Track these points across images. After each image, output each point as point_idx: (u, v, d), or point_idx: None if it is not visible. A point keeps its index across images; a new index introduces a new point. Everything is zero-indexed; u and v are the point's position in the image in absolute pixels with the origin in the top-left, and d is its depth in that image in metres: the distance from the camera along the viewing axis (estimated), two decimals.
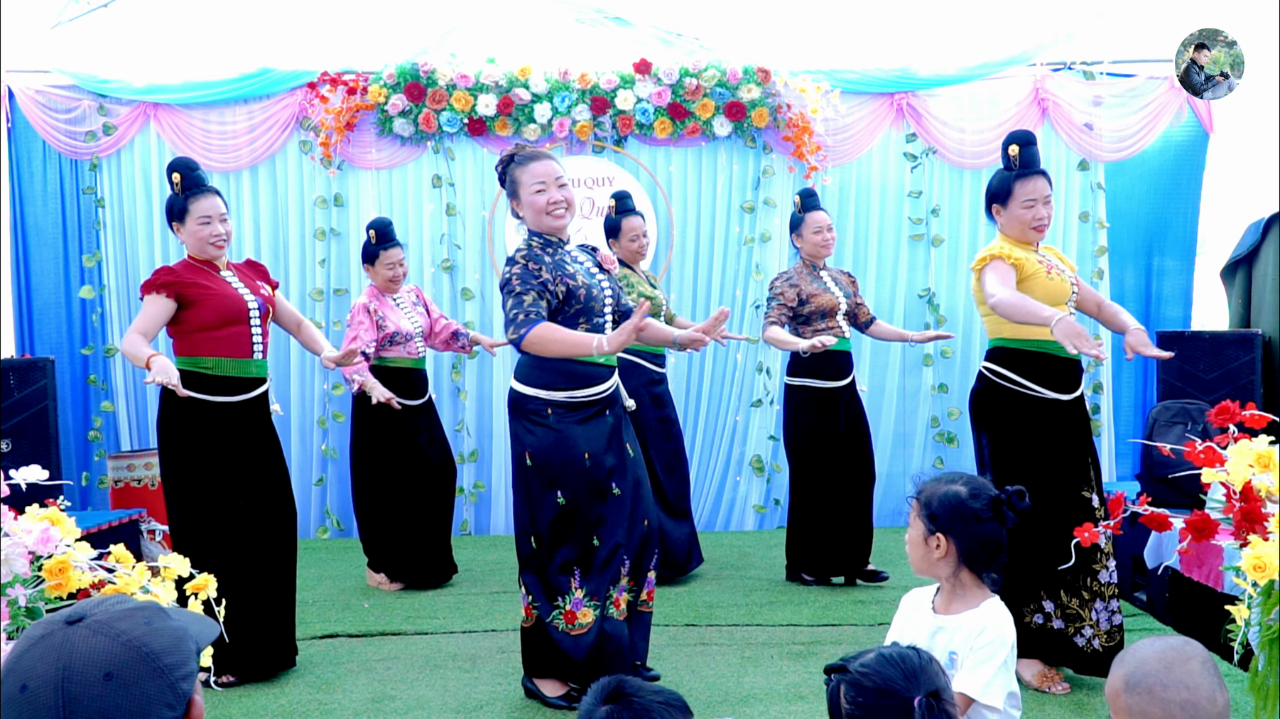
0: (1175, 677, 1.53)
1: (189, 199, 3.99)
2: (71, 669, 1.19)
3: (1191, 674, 1.53)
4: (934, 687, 1.70)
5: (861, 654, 1.79)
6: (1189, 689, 1.52)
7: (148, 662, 1.22)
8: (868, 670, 1.71)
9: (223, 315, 3.96)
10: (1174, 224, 6.87)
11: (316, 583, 5.49)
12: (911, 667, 1.70)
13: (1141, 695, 1.55)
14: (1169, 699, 1.52)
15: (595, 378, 3.60)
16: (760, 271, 6.78)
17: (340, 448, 6.82)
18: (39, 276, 6.71)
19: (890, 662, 1.71)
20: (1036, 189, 3.79)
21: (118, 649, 1.21)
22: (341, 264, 6.79)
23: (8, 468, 2.33)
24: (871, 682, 1.69)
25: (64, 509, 2.32)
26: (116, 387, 6.76)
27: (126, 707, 1.19)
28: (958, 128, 6.78)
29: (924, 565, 2.35)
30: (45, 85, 6.66)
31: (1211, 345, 5.73)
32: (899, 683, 1.68)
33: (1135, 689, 1.56)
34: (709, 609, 4.86)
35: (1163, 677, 1.54)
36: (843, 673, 1.75)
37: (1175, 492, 4.48)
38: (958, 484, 2.31)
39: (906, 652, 1.76)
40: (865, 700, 1.67)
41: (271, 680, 3.95)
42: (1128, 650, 1.65)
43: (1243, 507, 2.50)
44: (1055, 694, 3.67)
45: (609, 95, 6.61)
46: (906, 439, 6.91)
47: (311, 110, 6.61)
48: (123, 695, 1.19)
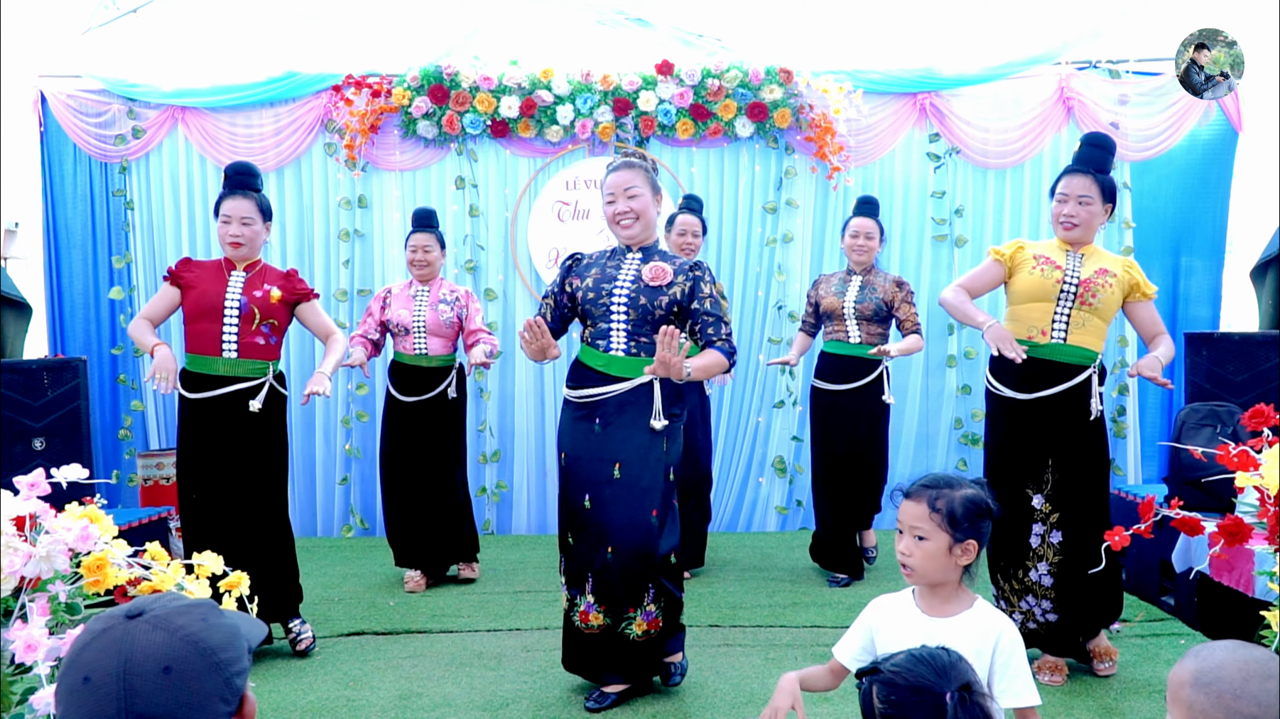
0: (1250, 690, 1.46)
1: (221, 199, 4.23)
2: (133, 662, 1.21)
3: (1269, 693, 1.46)
4: (965, 680, 1.71)
5: (891, 656, 1.80)
6: (1260, 707, 1.45)
7: (205, 657, 1.24)
8: (899, 670, 1.72)
9: (196, 310, 4.15)
10: (1202, 224, 6.81)
11: (342, 581, 5.53)
12: (942, 664, 1.71)
13: (1209, 697, 1.49)
14: (1237, 710, 1.46)
15: (587, 380, 3.67)
16: (782, 272, 6.77)
17: (364, 448, 6.87)
18: (69, 278, 6.79)
19: (921, 660, 1.73)
20: (1068, 186, 3.79)
21: (176, 644, 1.23)
22: (365, 265, 6.83)
23: (42, 466, 2.36)
24: (904, 679, 1.70)
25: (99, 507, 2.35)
26: (145, 386, 6.83)
27: (185, 700, 1.21)
28: (982, 127, 6.76)
29: (940, 574, 2.26)
30: (76, 90, 6.74)
31: (1241, 347, 5.68)
32: (931, 679, 1.69)
33: (1204, 688, 1.50)
34: (732, 610, 4.87)
35: (1237, 686, 1.47)
36: (874, 674, 1.76)
37: (1204, 495, 4.44)
38: (965, 488, 2.27)
39: (936, 650, 1.77)
40: (898, 698, 1.68)
41: (299, 677, 3.99)
42: (1206, 646, 1.57)
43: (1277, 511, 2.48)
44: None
45: (631, 96, 6.62)
46: (930, 440, 6.89)
47: (336, 113, 6.66)
48: (181, 689, 1.21)
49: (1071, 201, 3.76)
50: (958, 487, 2.26)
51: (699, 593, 5.17)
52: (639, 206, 3.67)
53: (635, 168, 3.70)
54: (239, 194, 4.19)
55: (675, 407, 3.71)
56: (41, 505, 2.22)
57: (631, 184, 3.66)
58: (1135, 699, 3.65)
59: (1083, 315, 3.77)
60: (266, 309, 4.17)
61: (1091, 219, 3.78)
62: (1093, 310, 3.76)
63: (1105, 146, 3.83)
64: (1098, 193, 3.75)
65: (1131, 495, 5.35)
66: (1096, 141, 3.83)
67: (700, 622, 4.66)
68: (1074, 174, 3.78)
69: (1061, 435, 3.79)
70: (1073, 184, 3.77)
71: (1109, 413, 6.83)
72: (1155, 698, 3.64)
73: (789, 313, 6.79)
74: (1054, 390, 3.77)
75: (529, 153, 6.79)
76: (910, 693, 1.68)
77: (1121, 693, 3.71)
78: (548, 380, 6.81)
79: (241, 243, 4.18)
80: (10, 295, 6.14)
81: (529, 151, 6.79)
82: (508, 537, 6.77)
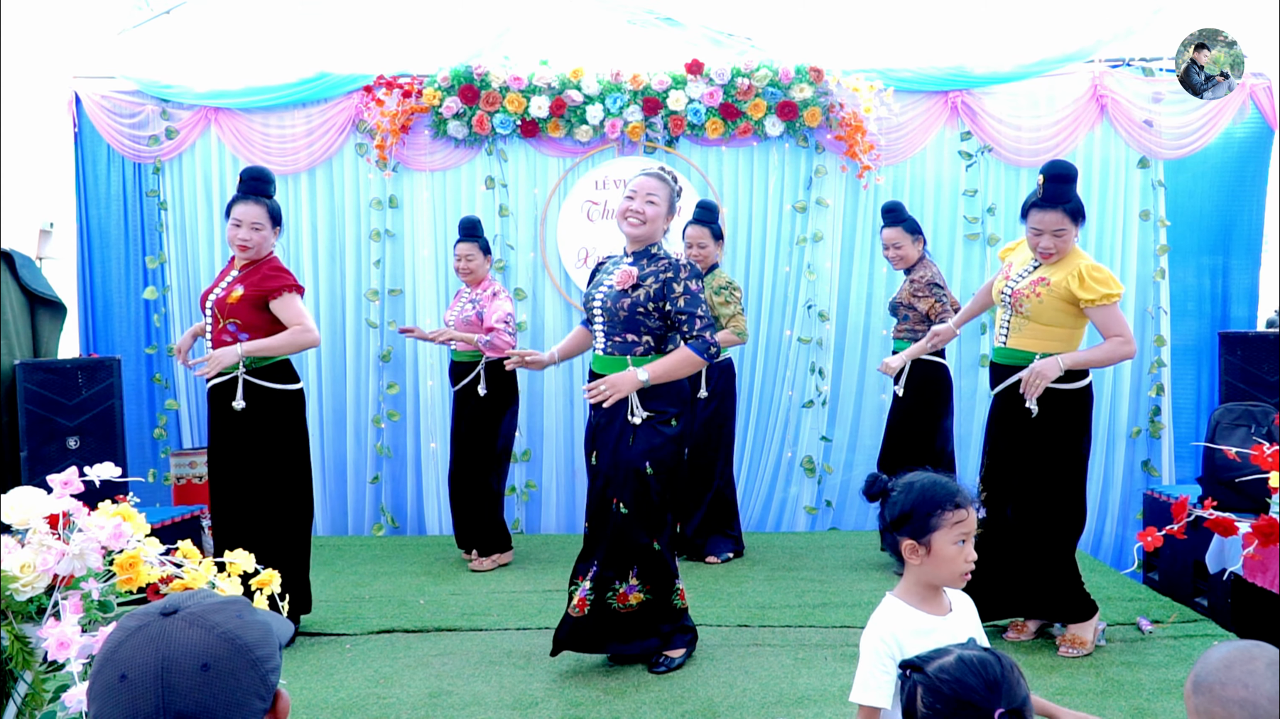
0: (1234, 675, 1.52)
1: (233, 201, 4.36)
2: (171, 659, 1.21)
3: (1253, 674, 1.51)
4: (1016, 701, 1.63)
5: (940, 654, 1.73)
6: (1246, 688, 1.50)
7: (242, 654, 1.24)
8: (947, 678, 1.64)
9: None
10: (1238, 222, 6.72)
11: (372, 579, 5.56)
12: (994, 676, 1.64)
13: (1204, 695, 1.54)
14: (1227, 698, 1.51)
15: (590, 379, 3.98)
16: (813, 271, 6.75)
17: (394, 447, 6.91)
18: (104, 278, 6.86)
19: (971, 668, 1.65)
20: (1040, 222, 4.00)
21: (213, 641, 1.24)
22: (396, 265, 6.87)
23: (76, 464, 2.39)
24: (951, 689, 1.62)
25: (132, 505, 2.38)
26: (179, 385, 6.90)
27: (223, 697, 1.21)
28: (1014, 125, 6.69)
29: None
30: (111, 91, 6.81)
31: (1276, 346, 5.60)
32: (980, 694, 1.62)
33: (1199, 689, 1.55)
34: (761, 610, 4.85)
35: (1222, 675, 1.53)
36: (920, 673, 1.71)
37: (1239, 495, 4.38)
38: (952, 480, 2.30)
39: (988, 658, 1.70)
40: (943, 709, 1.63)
41: (329, 674, 4.02)
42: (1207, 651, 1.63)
43: None
44: None
45: (660, 96, 6.61)
46: (962, 442, 6.80)
47: (367, 113, 6.69)
48: (219, 686, 1.22)
49: (1047, 235, 4.00)
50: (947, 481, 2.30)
51: (728, 592, 5.16)
52: (650, 213, 3.87)
53: (664, 183, 3.92)
54: (251, 199, 4.31)
55: (672, 406, 3.89)
56: (75, 504, 2.25)
57: (654, 192, 3.88)
58: (1167, 700, 3.61)
59: (1018, 322, 4.09)
60: (225, 309, 4.25)
61: (1066, 246, 4.02)
62: (1025, 318, 4.06)
63: (1067, 177, 4.03)
64: (1069, 221, 3.98)
65: (1165, 496, 5.29)
66: (1058, 174, 4.02)
67: (729, 621, 4.65)
68: (1045, 210, 3.98)
69: (1001, 428, 4.18)
70: (1045, 220, 3.99)
71: (1144, 414, 6.76)
72: None
73: (819, 312, 6.76)
74: (999, 389, 4.18)
75: (559, 153, 6.80)
76: (955, 705, 1.62)
77: (1154, 694, 3.67)
78: (576, 381, 6.82)
79: (248, 247, 4.30)
80: (45, 295, 6.22)
81: (559, 151, 6.80)
82: (537, 535, 6.78)
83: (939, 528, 2.21)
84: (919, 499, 2.23)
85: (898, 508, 2.25)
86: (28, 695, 2.16)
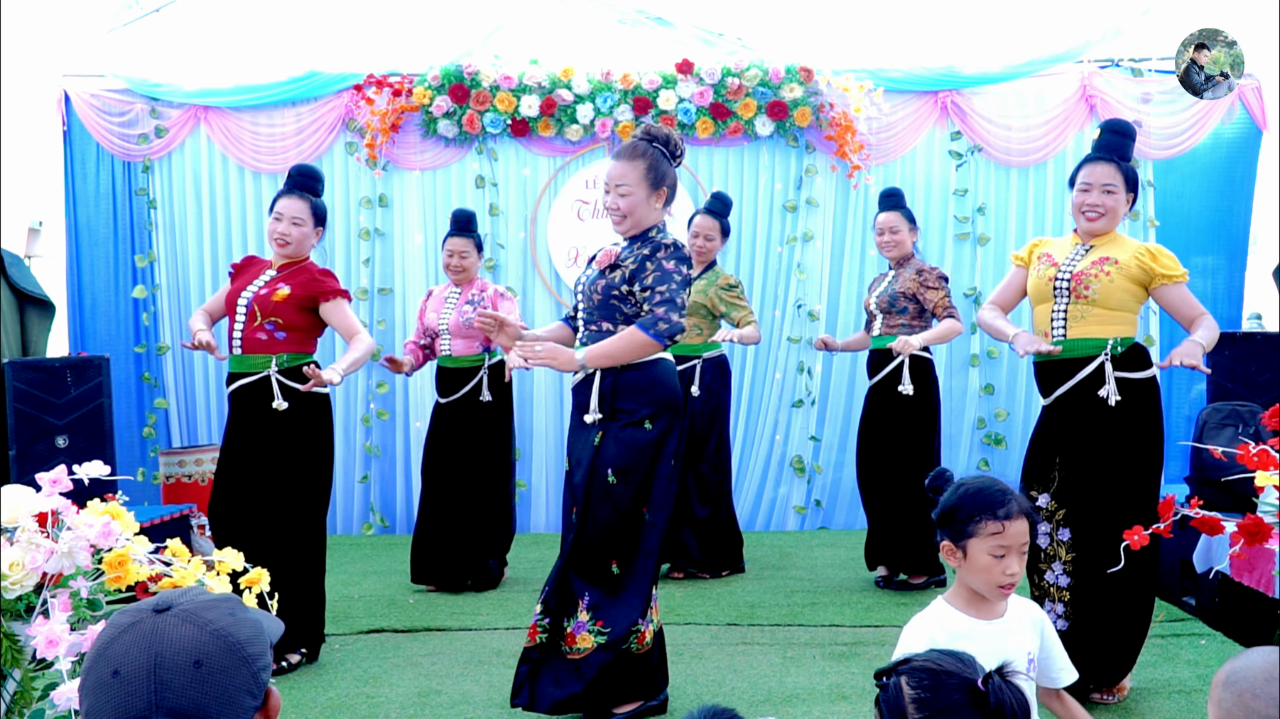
0: (1270, 691, 1.46)
1: (279, 195, 4.19)
2: (163, 656, 1.21)
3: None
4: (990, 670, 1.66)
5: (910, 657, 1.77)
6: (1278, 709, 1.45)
7: (234, 651, 1.25)
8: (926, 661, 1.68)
9: (220, 308, 4.23)
10: (1225, 222, 6.76)
11: (362, 578, 5.56)
12: (966, 657, 1.67)
13: (1233, 695, 1.50)
14: (1253, 709, 1.47)
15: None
16: (803, 271, 6.76)
17: (384, 446, 6.90)
18: (92, 276, 6.85)
19: (945, 654, 1.69)
20: (1091, 174, 3.60)
21: (206, 638, 1.24)
22: (386, 264, 6.87)
23: (65, 463, 2.39)
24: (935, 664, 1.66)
25: (121, 504, 2.37)
26: (169, 384, 6.89)
27: (215, 694, 1.21)
28: (1004, 125, 6.72)
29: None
30: (100, 89, 6.80)
31: (1264, 346, 5.63)
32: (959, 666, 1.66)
33: (1229, 686, 1.51)
34: (750, 609, 4.87)
35: (1258, 686, 1.48)
36: (897, 670, 1.72)
37: (1226, 495, 4.41)
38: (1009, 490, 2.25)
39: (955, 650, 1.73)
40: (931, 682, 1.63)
41: (318, 674, 4.01)
42: (1252, 650, 1.58)
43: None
44: None
45: (651, 95, 6.62)
46: (952, 441, 6.84)
47: (357, 112, 6.69)
48: (211, 683, 1.22)
49: (1096, 190, 3.57)
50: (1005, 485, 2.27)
51: (717, 591, 5.17)
52: (626, 206, 3.43)
53: (636, 158, 3.47)
54: (296, 194, 4.11)
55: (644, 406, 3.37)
56: (63, 502, 2.24)
57: (624, 179, 3.44)
58: (1155, 699, 3.63)
59: (1080, 309, 3.57)
60: (267, 307, 4.02)
61: (1116, 208, 3.59)
62: (1089, 303, 3.55)
63: (1127, 133, 3.67)
64: (1122, 181, 3.57)
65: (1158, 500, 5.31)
66: (1118, 128, 3.67)
67: (718, 620, 4.66)
68: (1097, 162, 3.59)
69: (1072, 431, 3.60)
70: (1096, 172, 3.58)
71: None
72: (1175, 698, 3.61)
73: (809, 311, 6.78)
74: (1065, 388, 3.59)
75: (549, 152, 6.80)
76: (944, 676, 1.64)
77: (1141, 693, 3.69)
78: (566, 379, 6.82)
79: (288, 242, 4.10)
80: (34, 293, 6.20)
81: (549, 150, 6.80)
82: (526, 535, 6.77)
83: (975, 535, 2.18)
84: (961, 501, 2.21)
85: (942, 505, 2.23)
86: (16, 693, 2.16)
